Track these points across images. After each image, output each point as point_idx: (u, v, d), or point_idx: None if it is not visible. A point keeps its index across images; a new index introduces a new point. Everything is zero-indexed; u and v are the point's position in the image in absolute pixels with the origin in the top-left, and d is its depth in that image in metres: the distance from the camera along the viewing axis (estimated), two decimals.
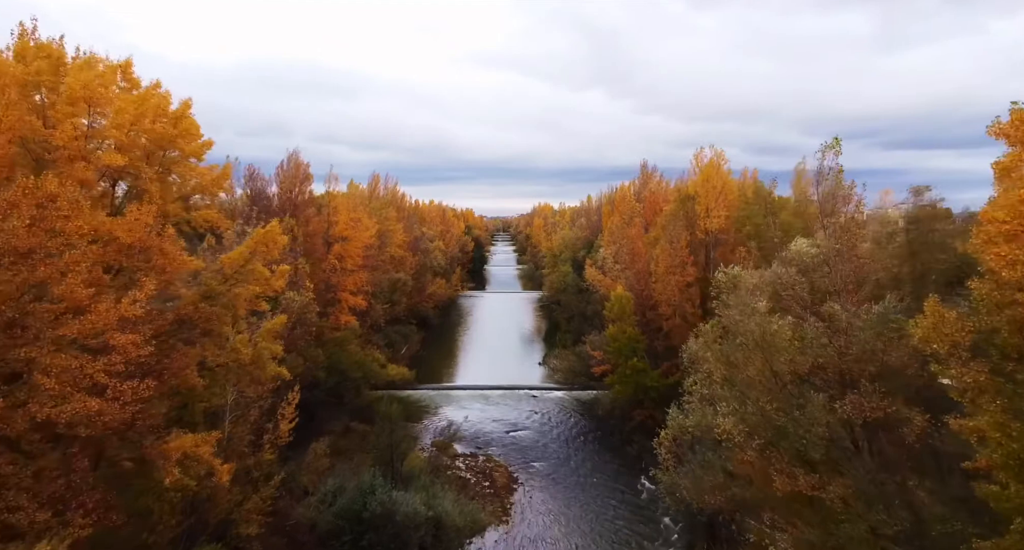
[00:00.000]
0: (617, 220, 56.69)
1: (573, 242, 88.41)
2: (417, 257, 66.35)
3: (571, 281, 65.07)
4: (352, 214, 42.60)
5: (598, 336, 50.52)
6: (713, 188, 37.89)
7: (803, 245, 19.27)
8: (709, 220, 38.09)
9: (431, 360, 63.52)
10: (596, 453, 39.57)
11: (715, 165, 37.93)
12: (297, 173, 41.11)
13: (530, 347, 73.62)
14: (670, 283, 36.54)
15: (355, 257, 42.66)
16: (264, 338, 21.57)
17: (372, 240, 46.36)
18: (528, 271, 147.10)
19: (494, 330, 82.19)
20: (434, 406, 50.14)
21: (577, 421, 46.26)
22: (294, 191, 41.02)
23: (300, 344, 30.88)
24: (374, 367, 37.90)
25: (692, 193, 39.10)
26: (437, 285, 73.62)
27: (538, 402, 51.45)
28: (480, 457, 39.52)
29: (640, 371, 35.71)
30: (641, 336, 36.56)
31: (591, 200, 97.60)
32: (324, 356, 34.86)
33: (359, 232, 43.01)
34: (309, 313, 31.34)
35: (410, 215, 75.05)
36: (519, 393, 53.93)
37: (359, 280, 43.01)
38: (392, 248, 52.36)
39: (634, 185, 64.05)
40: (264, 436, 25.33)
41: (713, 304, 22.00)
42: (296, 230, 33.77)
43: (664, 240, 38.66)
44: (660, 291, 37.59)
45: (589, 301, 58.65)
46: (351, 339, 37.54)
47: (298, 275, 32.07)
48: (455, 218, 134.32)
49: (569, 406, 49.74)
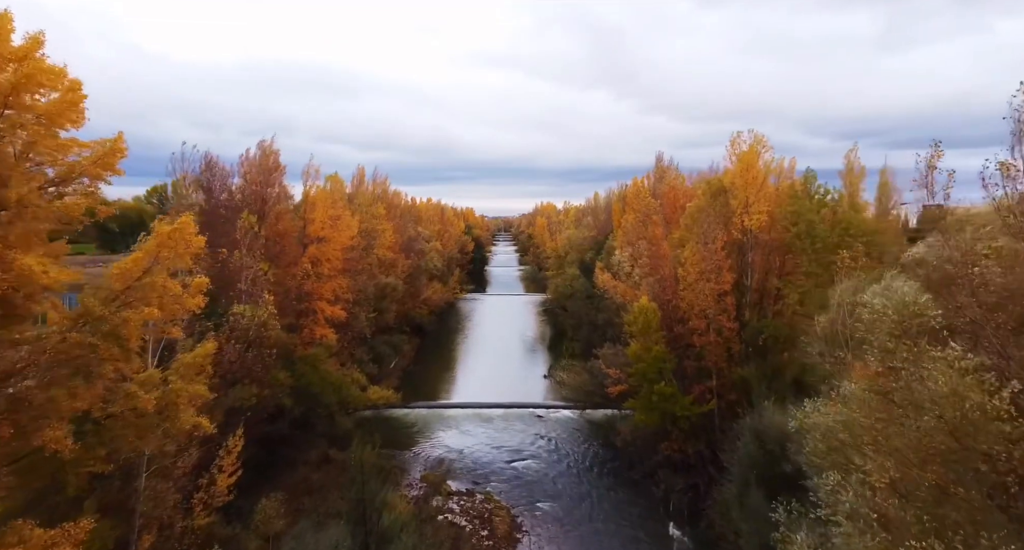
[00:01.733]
0: (632, 219, 50.83)
1: (580, 243, 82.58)
2: (410, 259, 60.54)
3: (580, 286, 59.23)
4: (330, 211, 36.82)
5: (612, 349, 44.66)
6: (753, 179, 32.03)
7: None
8: (748, 217, 32.25)
9: (425, 374, 57.72)
10: (614, 491, 33.73)
11: (755, 153, 32.07)
12: (266, 163, 35.33)
13: (534, 357, 67.79)
14: (702, 292, 30.71)
15: (334, 260, 36.89)
16: (181, 376, 15.75)
17: (354, 241, 40.57)
18: (531, 273, 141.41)
19: (495, 337, 76.35)
20: (427, 428, 44.36)
21: (590, 448, 40.43)
22: (263, 184, 35.26)
23: (256, 369, 25.09)
24: (352, 390, 32.10)
25: (727, 185, 33.24)
26: (433, 289, 67.82)
27: (544, 424, 45.65)
28: (478, 495, 33.71)
29: (668, 397, 29.91)
30: (669, 355, 30.74)
31: (598, 198, 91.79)
32: (292, 378, 29.07)
33: (339, 232, 37.23)
34: (269, 330, 25.54)
35: (404, 213, 69.28)
36: (523, 412, 48.15)
37: (338, 287, 37.23)
38: (380, 250, 46.61)
39: (648, 180, 58.17)
40: (197, 495, 19.59)
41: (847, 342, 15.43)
42: (257, 227, 27.95)
43: (693, 241, 32.82)
44: (690, 301, 31.77)
45: (600, 308, 52.79)
46: (324, 357, 31.74)
47: (255, 285, 26.26)
48: (454, 217, 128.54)
49: (580, 429, 43.93)
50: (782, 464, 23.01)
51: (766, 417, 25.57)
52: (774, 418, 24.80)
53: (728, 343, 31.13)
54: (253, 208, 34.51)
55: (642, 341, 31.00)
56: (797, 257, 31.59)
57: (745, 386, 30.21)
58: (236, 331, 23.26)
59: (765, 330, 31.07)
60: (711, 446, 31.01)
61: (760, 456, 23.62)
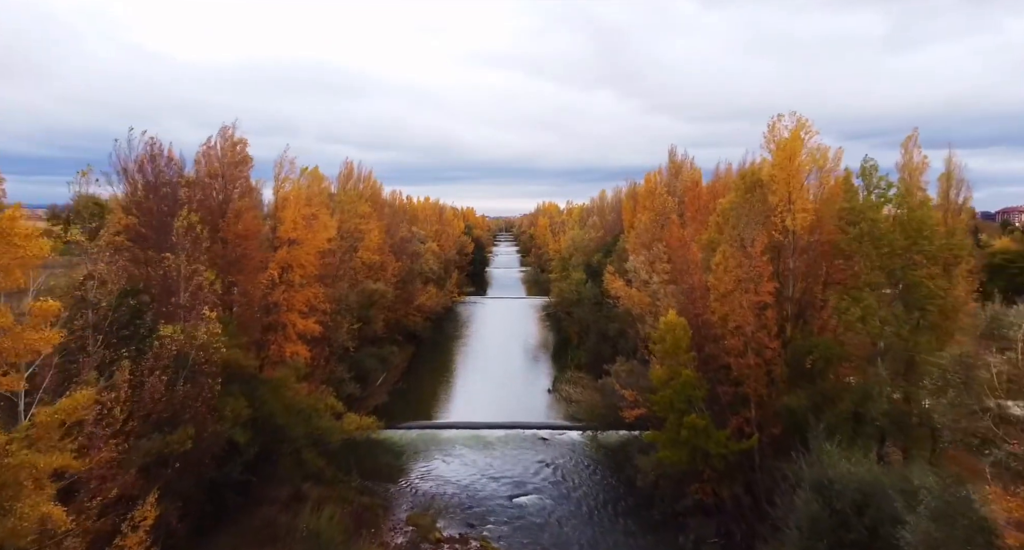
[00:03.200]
0: (647, 218, 45.90)
1: (585, 244, 77.59)
2: (402, 262, 55.57)
3: (587, 293, 54.17)
4: (304, 209, 31.88)
5: (626, 365, 39.73)
6: (796, 171, 27.00)
7: None
8: (790, 215, 27.26)
9: (418, 389, 52.76)
10: (633, 536, 28.75)
11: (798, 140, 27.03)
12: (230, 155, 30.41)
13: (536, 367, 62.84)
14: (740, 304, 25.70)
15: (308, 266, 31.95)
16: (32, 442, 10.80)
17: (333, 243, 35.64)
18: (533, 275, 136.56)
19: (495, 346, 71.39)
20: (418, 454, 39.45)
21: (603, 480, 35.46)
22: (227, 178, 30.33)
23: (196, 405, 20.17)
24: (324, 420, 27.14)
25: (765, 179, 28.23)
26: (428, 295, 62.86)
27: (549, 448, 40.71)
28: (472, 542, 28.74)
29: (700, 431, 24.92)
30: (701, 381, 25.73)
31: (605, 196, 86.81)
32: (251, 408, 24.15)
33: (314, 233, 32.30)
34: (211, 354, 20.63)
35: (396, 212, 64.34)
36: (525, 433, 43.22)
37: (313, 296, 32.30)
38: (366, 252, 41.67)
39: (661, 176, 53.18)
40: None
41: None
42: (200, 228, 23.05)
43: (726, 243, 27.84)
44: (724, 315, 26.79)
45: (611, 317, 47.81)
46: (291, 380, 26.83)
47: (196, 298, 21.35)
48: (454, 217, 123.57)
49: (590, 455, 38.95)
50: (857, 529, 18.09)
51: (830, 464, 20.58)
52: (841, 466, 19.85)
53: (769, 365, 26.12)
54: (211, 205, 29.66)
55: (669, 363, 26.03)
56: (849, 263, 26.64)
57: (792, 418, 25.24)
58: (162, 359, 18.30)
59: (814, 349, 26.07)
60: (750, 489, 26.04)
61: (826, 518, 18.63)
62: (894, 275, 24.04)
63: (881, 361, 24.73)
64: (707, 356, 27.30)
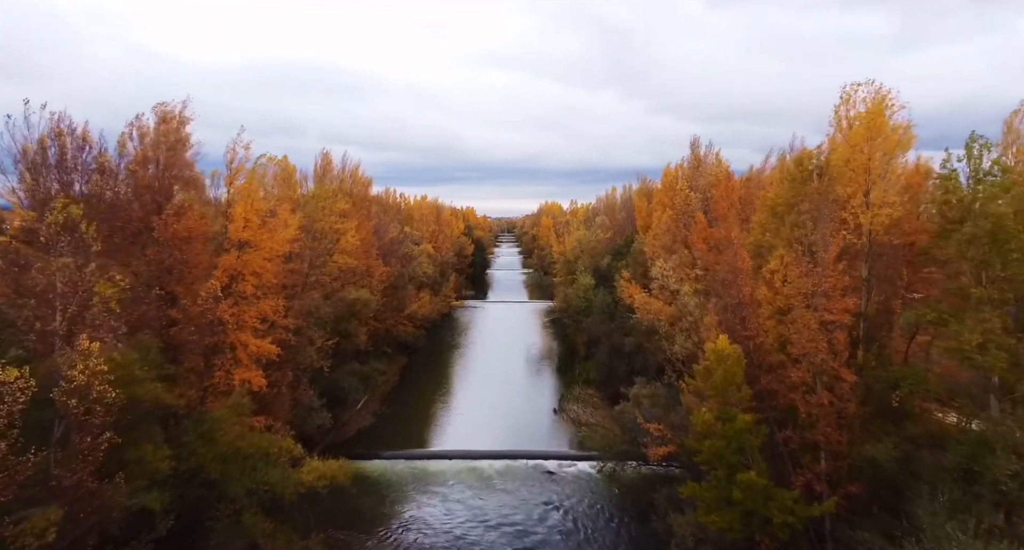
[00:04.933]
0: (668, 217, 40.13)
1: (592, 246, 71.77)
2: (391, 266, 49.73)
3: (598, 301, 48.16)
4: (259, 205, 26.10)
5: (647, 389, 33.91)
6: (882, 154, 21.12)
7: None
8: (870, 211, 21.40)
9: (408, 408, 46.84)
10: None
11: (881, 115, 21.14)
12: (165, 134, 24.70)
13: (540, 381, 56.91)
14: (806, 325, 19.84)
15: (265, 273, 26.17)
16: None
17: (300, 246, 29.89)
18: (535, 278, 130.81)
19: (495, 357, 65.49)
20: (403, 492, 33.63)
21: (622, 529, 29.57)
22: (164, 166, 24.60)
23: (76, 472, 14.41)
24: (274, 472, 21.26)
25: (835, 165, 22.28)
26: (420, 302, 56.97)
27: (557, 484, 34.82)
28: None
29: (758, 492, 19.06)
30: (757, 426, 19.87)
31: (614, 194, 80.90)
32: (170, 461, 18.37)
33: (271, 233, 26.53)
34: (96, 400, 14.88)
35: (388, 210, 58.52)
36: (528, 465, 37.38)
37: (271, 309, 26.52)
38: (342, 256, 35.88)
39: (682, 169, 47.26)
40: None
41: None
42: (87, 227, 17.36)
43: (783, 247, 22.01)
44: (780, 337, 20.97)
45: (625, 330, 41.96)
46: (231, 419, 21.05)
47: (79, 322, 15.61)
48: (452, 217, 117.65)
49: (605, 496, 33.08)
50: None
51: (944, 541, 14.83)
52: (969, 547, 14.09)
53: (843, 403, 20.27)
54: (145, 200, 23.97)
55: (718, 403, 20.16)
56: (945, 270, 20.85)
57: (875, 473, 19.41)
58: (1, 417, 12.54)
59: (902, 382, 20.22)
60: None
61: None
62: (1021, 288, 18.17)
63: (997, 400, 18.91)
64: (761, 391, 21.42)
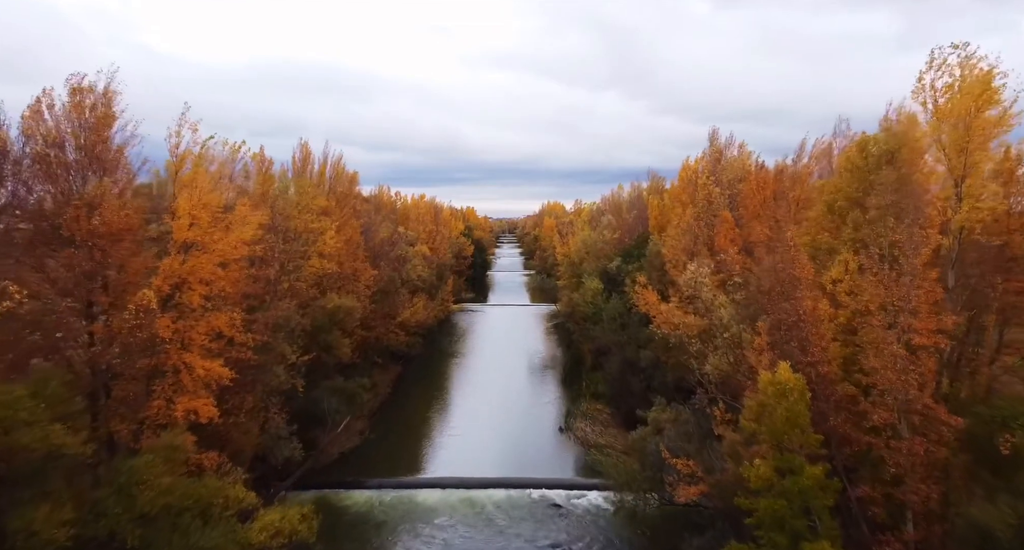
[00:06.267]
0: (689, 215, 35.70)
1: (599, 247, 67.18)
2: (381, 269, 45.33)
3: (610, 308, 43.64)
4: (208, 198, 21.69)
5: (668, 412, 29.51)
6: (979, 134, 16.70)
7: None
8: (966, 205, 16.96)
9: (398, 427, 42.47)
10: None
11: (988, 85, 16.59)
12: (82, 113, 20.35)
13: (544, 394, 52.44)
14: (890, 351, 15.42)
15: (217, 280, 21.77)
16: None
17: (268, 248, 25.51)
18: (537, 280, 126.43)
19: (494, 367, 61.10)
20: (388, 530, 29.27)
21: None
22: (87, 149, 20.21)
23: None
24: (213, 534, 16.81)
25: (918, 148, 17.84)
26: (414, 308, 52.54)
27: (566, 521, 30.40)
28: None
29: None
30: (827, 480, 15.45)
31: (621, 192, 76.44)
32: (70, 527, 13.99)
33: (226, 233, 22.14)
34: None
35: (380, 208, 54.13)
36: (532, 496, 32.97)
37: (226, 324, 22.10)
38: (320, 260, 31.49)
39: (703, 162, 42.88)
40: None
41: None
42: None
43: (847, 250, 17.57)
44: (849, 365, 16.54)
45: (642, 342, 37.50)
46: (158, 466, 16.62)
47: None
48: (451, 217, 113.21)
49: (622, 537, 28.65)
50: None
51: None
52: None
53: (938, 449, 15.82)
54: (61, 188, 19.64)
55: (774, 448, 15.71)
56: None
57: (985, 544, 14.98)
58: None
59: (1016, 422, 15.78)
60: None
61: None
62: None
63: None
64: (827, 432, 16.95)
